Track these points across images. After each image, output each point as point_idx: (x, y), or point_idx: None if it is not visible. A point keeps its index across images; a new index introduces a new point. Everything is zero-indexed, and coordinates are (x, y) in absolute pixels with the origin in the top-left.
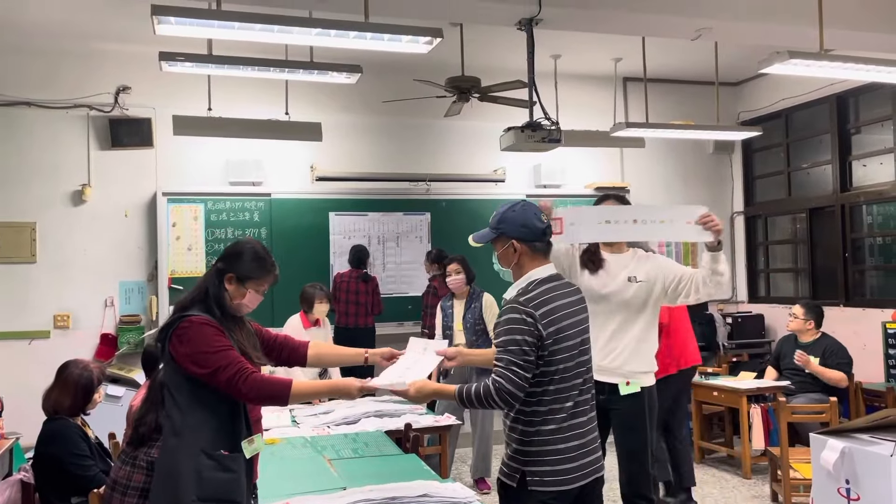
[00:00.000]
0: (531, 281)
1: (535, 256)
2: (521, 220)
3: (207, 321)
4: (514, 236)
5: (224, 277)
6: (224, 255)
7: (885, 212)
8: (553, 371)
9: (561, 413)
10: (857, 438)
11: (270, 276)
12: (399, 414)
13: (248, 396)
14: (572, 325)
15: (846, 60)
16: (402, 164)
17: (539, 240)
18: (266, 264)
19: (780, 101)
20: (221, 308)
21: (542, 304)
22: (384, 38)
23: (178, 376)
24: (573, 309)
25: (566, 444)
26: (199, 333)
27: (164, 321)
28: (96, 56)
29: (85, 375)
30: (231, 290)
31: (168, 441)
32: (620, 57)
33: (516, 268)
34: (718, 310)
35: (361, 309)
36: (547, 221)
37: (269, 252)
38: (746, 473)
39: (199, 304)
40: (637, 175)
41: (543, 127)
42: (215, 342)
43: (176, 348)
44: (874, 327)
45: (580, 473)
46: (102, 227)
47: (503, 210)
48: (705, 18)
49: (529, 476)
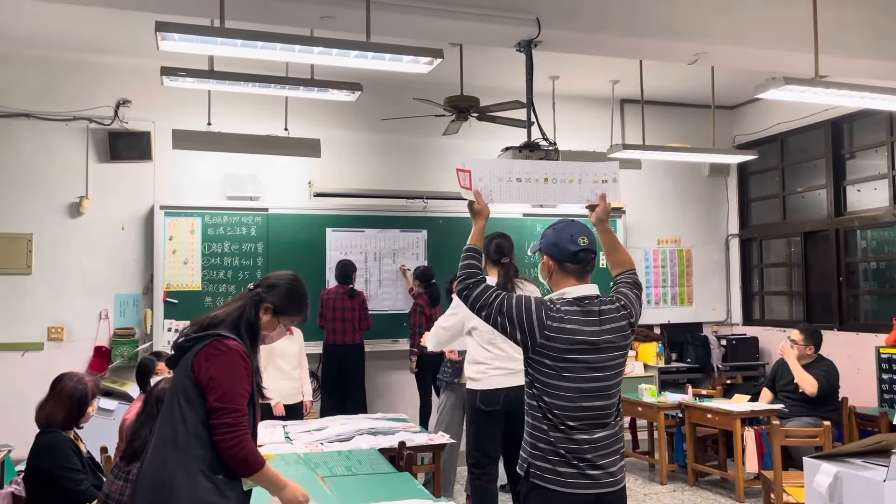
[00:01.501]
0: (563, 297)
1: (566, 276)
2: (555, 239)
3: (243, 353)
4: (547, 253)
5: (262, 305)
6: (265, 284)
7: (879, 237)
8: (562, 387)
9: (571, 431)
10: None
11: (302, 316)
12: (393, 432)
13: (229, 449)
14: (584, 351)
15: (841, 87)
16: (400, 181)
17: (570, 261)
18: (303, 304)
19: (776, 126)
20: (252, 336)
21: (558, 320)
22: (385, 57)
23: (193, 392)
24: (594, 339)
25: (572, 454)
26: (230, 362)
27: (186, 329)
28: (96, 69)
29: (79, 389)
30: (265, 320)
31: (165, 453)
32: (618, 79)
33: (551, 282)
34: (713, 332)
35: (349, 325)
36: (583, 244)
37: (306, 290)
38: (740, 496)
39: (229, 325)
40: (633, 196)
41: (541, 147)
42: (240, 382)
43: (201, 364)
44: (868, 351)
45: (583, 482)
46: (99, 239)
47: (550, 226)
48: (702, 43)
49: (533, 469)
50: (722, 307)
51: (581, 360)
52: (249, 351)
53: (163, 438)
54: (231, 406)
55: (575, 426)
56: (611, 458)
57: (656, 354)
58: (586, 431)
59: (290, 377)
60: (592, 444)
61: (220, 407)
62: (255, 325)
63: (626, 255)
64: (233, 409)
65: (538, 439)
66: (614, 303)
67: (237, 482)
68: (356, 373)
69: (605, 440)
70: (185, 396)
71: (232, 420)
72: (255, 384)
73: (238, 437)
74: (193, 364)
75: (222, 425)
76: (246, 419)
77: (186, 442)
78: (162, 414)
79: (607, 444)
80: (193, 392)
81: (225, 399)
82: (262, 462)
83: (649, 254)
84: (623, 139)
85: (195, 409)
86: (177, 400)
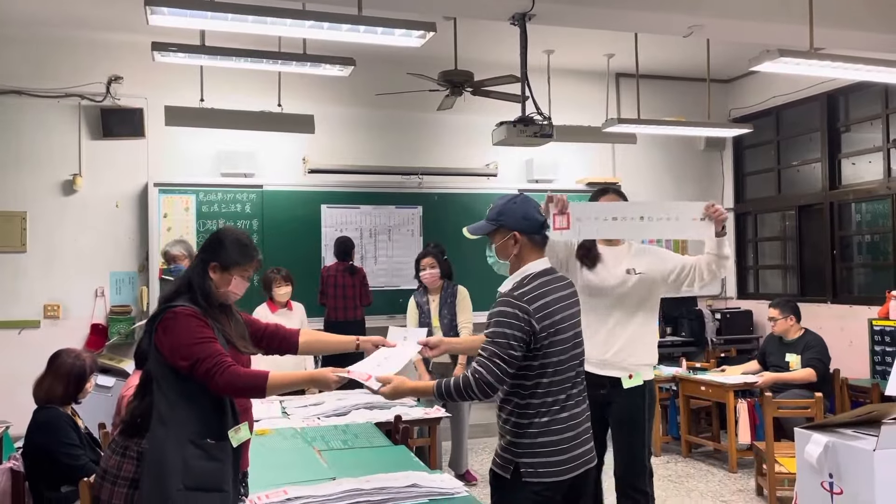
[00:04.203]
0: (527, 275)
1: (534, 249)
2: (522, 212)
3: (192, 312)
4: (516, 228)
5: (208, 267)
6: (206, 246)
7: (873, 210)
8: (548, 364)
9: (555, 406)
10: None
11: (254, 261)
12: (389, 406)
13: (225, 389)
14: (566, 319)
15: (836, 59)
16: (395, 157)
17: (538, 232)
18: (248, 249)
19: (771, 99)
20: (207, 298)
21: (536, 298)
22: (377, 31)
23: (164, 367)
24: (567, 303)
25: (560, 436)
26: (182, 325)
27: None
28: (88, 45)
29: (77, 364)
30: (216, 278)
31: (156, 431)
32: (613, 53)
33: (515, 259)
34: (707, 305)
35: (350, 302)
36: (544, 216)
37: (250, 237)
38: (732, 467)
39: (184, 296)
40: (628, 171)
41: (535, 122)
42: (197, 333)
43: (160, 340)
44: (861, 324)
45: (573, 465)
46: (93, 217)
47: (503, 202)
48: (697, 16)
49: (523, 468)
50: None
51: (563, 328)
52: (209, 312)
53: (153, 418)
54: (200, 355)
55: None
56: (588, 434)
57: None
58: (570, 408)
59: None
60: (577, 418)
61: (191, 363)
62: (205, 286)
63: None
64: (203, 357)
65: (522, 435)
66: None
67: (226, 442)
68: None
69: (584, 414)
70: (159, 372)
71: (208, 364)
72: (225, 340)
73: (223, 373)
74: (155, 341)
75: (203, 373)
76: (222, 356)
77: (170, 415)
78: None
79: (585, 418)
80: (164, 367)
81: (191, 354)
82: (265, 375)
83: None
84: (618, 113)
85: (169, 381)
86: (154, 379)
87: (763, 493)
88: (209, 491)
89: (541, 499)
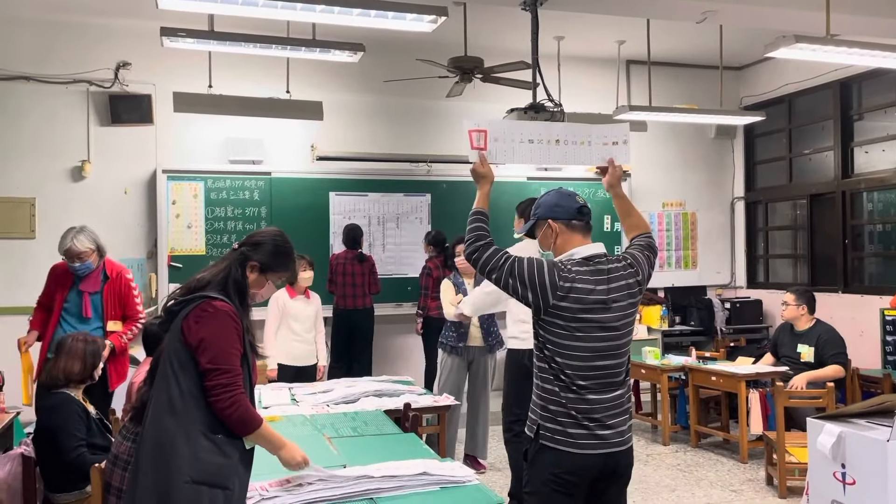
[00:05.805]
0: (571, 258)
1: (574, 234)
2: (554, 201)
3: (232, 313)
4: (549, 216)
5: (247, 264)
6: (249, 242)
7: (885, 199)
8: (575, 347)
9: (582, 391)
10: (853, 423)
11: (290, 271)
12: (398, 394)
13: (226, 409)
14: (596, 311)
15: (852, 45)
16: (404, 144)
17: (575, 218)
18: (291, 259)
19: (784, 87)
20: (241, 297)
21: (570, 280)
22: (388, 15)
23: (185, 355)
24: (604, 297)
25: (583, 414)
26: (220, 324)
27: (175, 292)
28: (96, 31)
29: (90, 342)
30: (252, 279)
31: (163, 420)
32: (624, 39)
33: (556, 249)
34: (717, 295)
35: (359, 290)
36: (582, 202)
37: (292, 245)
38: (743, 457)
39: (217, 287)
40: (639, 159)
41: (546, 109)
42: (231, 341)
43: (190, 328)
44: (872, 314)
45: (593, 442)
46: (102, 203)
47: (538, 198)
48: (711, 1)
49: (542, 430)
50: (726, 270)
51: (593, 319)
52: (239, 311)
53: (160, 404)
54: (224, 366)
55: (587, 385)
56: (620, 418)
57: (660, 317)
58: (597, 391)
59: (303, 339)
60: (603, 403)
61: (212, 368)
62: (243, 284)
63: (640, 219)
64: (226, 370)
65: (548, 401)
66: (622, 261)
67: (238, 440)
68: (365, 336)
69: (616, 400)
70: (178, 360)
71: (226, 380)
72: (248, 343)
73: (233, 396)
74: (183, 327)
75: (217, 386)
76: (240, 378)
77: (183, 405)
78: (156, 379)
79: (617, 403)
80: (185, 355)
81: (217, 360)
82: (259, 421)
83: (654, 217)
84: (629, 101)
85: (188, 371)
86: (169, 364)
87: (773, 483)
88: (214, 487)
89: (561, 482)
